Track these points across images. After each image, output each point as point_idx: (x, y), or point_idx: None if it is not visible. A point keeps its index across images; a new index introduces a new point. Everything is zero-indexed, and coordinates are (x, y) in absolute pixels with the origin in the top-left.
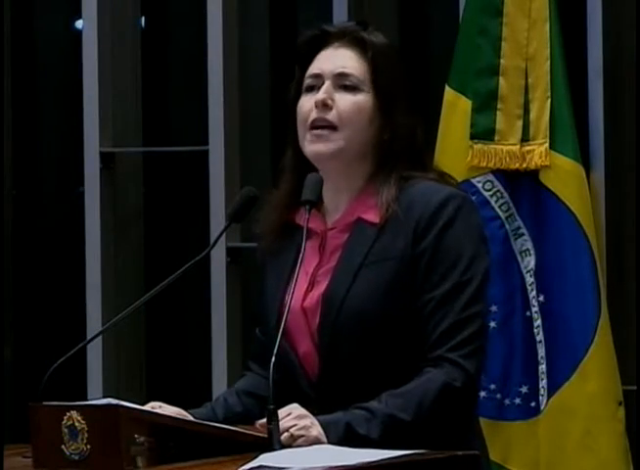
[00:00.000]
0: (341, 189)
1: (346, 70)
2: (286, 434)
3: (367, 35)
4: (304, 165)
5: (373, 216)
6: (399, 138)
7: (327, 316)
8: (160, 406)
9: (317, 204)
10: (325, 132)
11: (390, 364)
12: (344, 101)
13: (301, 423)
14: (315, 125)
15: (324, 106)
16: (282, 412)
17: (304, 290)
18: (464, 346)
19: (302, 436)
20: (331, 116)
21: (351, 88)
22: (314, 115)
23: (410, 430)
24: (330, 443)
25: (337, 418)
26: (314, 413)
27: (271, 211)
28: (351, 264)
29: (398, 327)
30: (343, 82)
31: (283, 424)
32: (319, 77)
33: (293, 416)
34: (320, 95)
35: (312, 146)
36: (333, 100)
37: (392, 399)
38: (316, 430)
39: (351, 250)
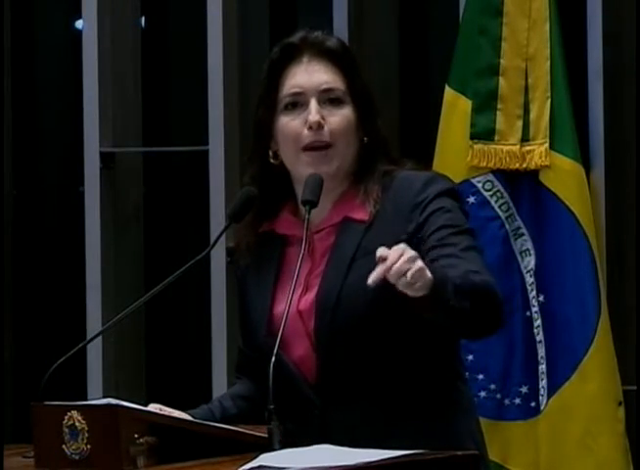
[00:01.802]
0: (323, 197)
1: (330, 85)
2: (403, 279)
3: (332, 44)
4: (271, 179)
5: (361, 214)
6: (377, 139)
7: (323, 316)
8: (161, 409)
9: (317, 204)
10: (322, 153)
11: (389, 358)
12: (335, 117)
13: (416, 265)
14: (313, 147)
15: (319, 127)
16: (394, 252)
17: (299, 294)
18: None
19: (419, 280)
20: (325, 135)
21: (337, 102)
22: (309, 136)
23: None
24: (434, 281)
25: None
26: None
27: (245, 227)
28: (342, 262)
29: (394, 318)
30: (329, 97)
31: (398, 267)
32: (301, 95)
33: (406, 259)
34: (313, 116)
35: (311, 168)
36: (324, 118)
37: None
38: (428, 272)
39: (341, 248)
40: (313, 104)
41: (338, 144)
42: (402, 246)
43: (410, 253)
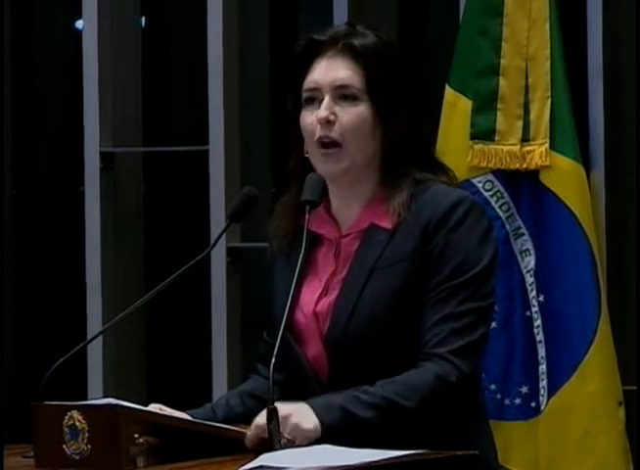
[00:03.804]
0: (352, 198)
1: (345, 82)
2: (283, 440)
3: (358, 41)
4: (310, 170)
5: (386, 222)
6: (404, 141)
7: (338, 322)
8: (161, 409)
9: (318, 204)
10: (332, 151)
11: (400, 366)
12: (346, 114)
13: (289, 425)
14: (322, 142)
15: (327, 122)
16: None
17: (318, 295)
18: (463, 349)
19: (297, 436)
20: (335, 132)
21: (351, 98)
22: (319, 131)
23: (408, 417)
24: (327, 425)
25: (331, 401)
26: None
27: (282, 215)
28: (362, 270)
29: (408, 330)
30: (343, 93)
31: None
32: (317, 90)
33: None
34: (322, 112)
35: (323, 166)
36: (335, 114)
37: (389, 385)
38: (308, 423)
39: (363, 256)
40: (325, 100)
41: (348, 143)
42: (258, 423)
43: (281, 412)
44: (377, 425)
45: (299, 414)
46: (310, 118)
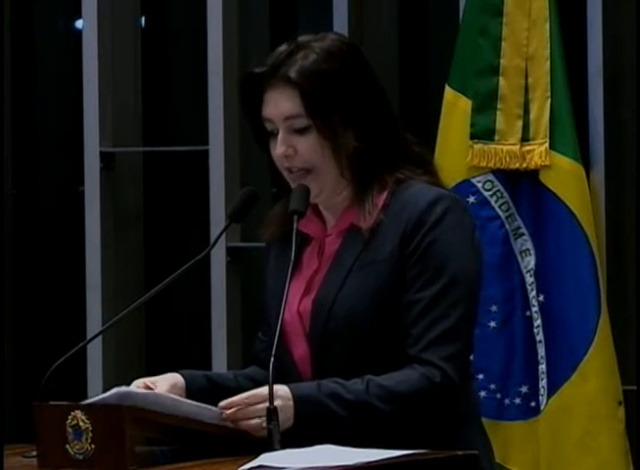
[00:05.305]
0: (332, 204)
1: (291, 113)
2: (244, 422)
3: (295, 66)
4: None
5: (364, 223)
6: (370, 148)
7: (317, 321)
8: (145, 384)
9: (305, 213)
10: (300, 173)
11: (382, 365)
12: (302, 146)
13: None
14: (290, 170)
15: (287, 156)
16: (251, 397)
17: (301, 294)
18: (450, 355)
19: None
20: (298, 162)
21: (302, 130)
22: (284, 163)
23: (383, 420)
24: (301, 417)
25: (312, 394)
26: None
27: (275, 217)
28: (341, 270)
29: (388, 329)
30: (293, 126)
31: (246, 411)
32: (273, 123)
33: (258, 409)
34: (279, 149)
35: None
36: (293, 146)
37: (373, 385)
38: (284, 414)
39: (342, 255)
40: (280, 135)
41: (314, 168)
42: (262, 393)
43: (263, 406)
44: (351, 423)
45: (280, 408)
46: (274, 150)
